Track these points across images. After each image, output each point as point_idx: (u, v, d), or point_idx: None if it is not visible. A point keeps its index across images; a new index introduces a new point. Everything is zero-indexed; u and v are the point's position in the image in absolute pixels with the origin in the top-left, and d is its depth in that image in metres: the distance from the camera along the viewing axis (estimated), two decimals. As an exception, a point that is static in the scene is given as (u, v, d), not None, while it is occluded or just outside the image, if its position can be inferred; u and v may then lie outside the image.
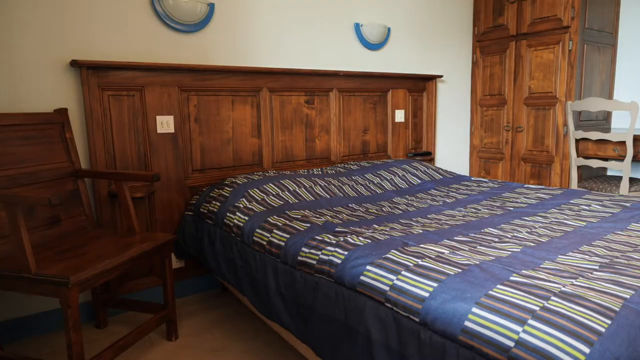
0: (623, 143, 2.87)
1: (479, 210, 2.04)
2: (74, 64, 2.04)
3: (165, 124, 2.34)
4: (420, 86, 3.39)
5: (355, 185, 2.45)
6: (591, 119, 3.35)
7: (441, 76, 3.44)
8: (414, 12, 3.38)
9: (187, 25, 2.40)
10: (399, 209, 2.11)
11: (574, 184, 3.06)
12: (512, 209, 2.03)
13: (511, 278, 1.12)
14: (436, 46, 3.55)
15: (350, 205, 2.16)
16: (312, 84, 2.84)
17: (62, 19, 2.07)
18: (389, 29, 3.21)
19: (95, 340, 2.04)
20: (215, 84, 2.47)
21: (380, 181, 2.57)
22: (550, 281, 1.11)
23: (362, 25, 3.04)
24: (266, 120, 2.69)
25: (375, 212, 2.04)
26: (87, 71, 2.08)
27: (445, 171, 2.92)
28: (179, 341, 2.02)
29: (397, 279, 1.20)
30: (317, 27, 2.90)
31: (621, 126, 3.43)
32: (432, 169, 2.86)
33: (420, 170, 2.78)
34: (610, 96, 3.48)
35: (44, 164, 1.94)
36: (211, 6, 2.45)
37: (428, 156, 3.45)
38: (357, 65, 3.11)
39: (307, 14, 2.85)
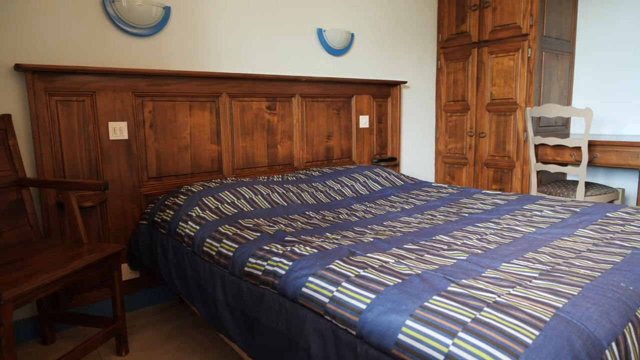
0: (579, 148, 2.94)
1: (435, 216, 2.04)
2: (18, 68, 1.95)
3: (118, 130, 2.27)
4: (384, 92, 3.40)
5: (314, 192, 2.43)
6: (550, 125, 3.42)
7: (405, 82, 3.46)
8: (378, 19, 3.39)
9: (142, 28, 2.34)
10: (356, 216, 2.10)
11: (533, 189, 3.11)
12: (467, 215, 2.04)
13: (449, 288, 1.11)
14: (401, 52, 3.57)
15: (307, 212, 2.13)
16: (274, 89, 2.81)
17: (5, 21, 1.99)
18: (352, 35, 3.21)
19: (40, 357, 1.95)
20: (171, 89, 2.42)
21: (340, 188, 2.55)
22: (487, 291, 1.10)
23: (325, 31, 3.03)
24: (226, 126, 2.64)
25: (332, 219, 2.02)
26: (33, 76, 2.00)
27: (407, 177, 2.93)
28: (129, 356, 1.95)
29: (337, 291, 1.17)
30: (280, 32, 2.88)
31: (580, 131, 3.52)
32: (393, 174, 2.87)
33: (382, 177, 2.77)
34: (568, 102, 3.56)
35: (-18, 173, 1.85)
36: (167, 9, 2.40)
37: (393, 162, 3.46)
38: (321, 71, 3.10)
39: (269, 18, 2.82)
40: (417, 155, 3.81)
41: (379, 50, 3.43)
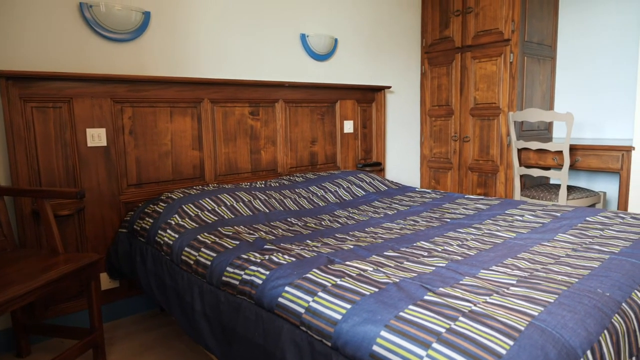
0: (561, 152, 2.96)
1: (417, 222, 2.03)
2: (-9, 74, 1.91)
3: (97, 136, 2.23)
4: (369, 97, 3.40)
5: (297, 198, 2.41)
6: (533, 129, 3.44)
7: (390, 87, 3.46)
8: (362, 24, 3.39)
9: (121, 33, 2.30)
10: (338, 222, 2.08)
11: (517, 193, 3.12)
12: (449, 220, 2.04)
13: (425, 297, 1.10)
14: (385, 57, 3.58)
15: (289, 219, 2.11)
16: (257, 94, 2.79)
17: (-22, 26, 1.94)
18: (336, 40, 3.21)
19: (14, 370, 1.90)
20: (151, 95, 2.38)
21: (324, 193, 2.54)
22: (463, 299, 1.09)
23: (308, 36, 3.02)
24: (208, 132, 2.61)
25: (314, 226, 2.00)
26: (7, 82, 1.96)
27: (391, 182, 2.92)
28: (107, 367, 1.91)
29: (313, 301, 1.15)
30: (263, 38, 2.86)
31: (563, 135, 3.55)
32: (377, 180, 2.86)
33: (366, 182, 2.76)
34: (551, 107, 3.59)
35: (-47, 182, 1.80)
36: (147, 14, 2.37)
37: (378, 167, 3.45)
38: (304, 76, 3.09)
39: (252, 24, 2.80)
40: (403, 160, 3.82)
41: (363, 55, 3.43)
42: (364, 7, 3.39)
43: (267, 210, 2.19)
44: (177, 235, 1.84)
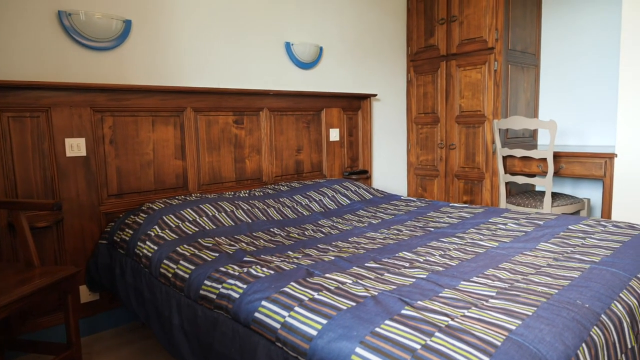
0: (545, 160, 2.98)
1: (401, 231, 2.02)
2: (-35, 83, 1.87)
3: (76, 146, 2.19)
4: (354, 105, 3.40)
5: (281, 208, 2.38)
6: (518, 136, 3.46)
7: (375, 95, 3.46)
8: (348, 32, 3.40)
9: (102, 42, 2.27)
10: (322, 232, 2.06)
11: (502, 200, 3.13)
12: (432, 229, 2.03)
13: (402, 311, 1.08)
14: (371, 65, 3.58)
15: (272, 229, 2.09)
16: (242, 103, 2.77)
17: (-48, 35, 1.90)
18: (321, 48, 3.20)
19: (-12, 388, 1.84)
20: (133, 103, 2.35)
21: (308, 202, 2.52)
22: (441, 313, 1.07)
23: (292, 45, 3.02)
24: (191, 141, 2.58)
25: (297, 236, 1.98)
26: (-18, 91, 1.92)
27: (377, 190, 2.91)
28: (84, 384, 1.86)
29: (289, 316, 1.13)
30: (247, 46, 2.85)
31: (548, 142, 3.57)
32: (363, 188, 2.85)
33: (351, 190, 2.75)
34: (535, 114, 3.62)
35: None
36: (128, 22, 2.35)
37: (364, 175, 3.44)
38: (289, 85, 3.08)
39: (235, 32, 2.79)
40: (390, 168, 3.81)
41: (349, 63, 3.43)
42: (349, 16, 3.40)
43: (250, 221, 2.16)
44: (156, 247, 1.80)
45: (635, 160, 2.58)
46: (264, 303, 1.21)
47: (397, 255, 1.64)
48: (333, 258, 1.59)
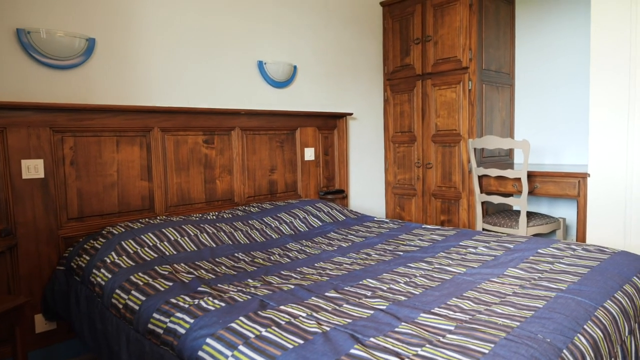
0: (520, 179, 2.96)
1: (370, 255, 1.96)
2: None
3: (33, 168, 2.10)
4: (330, 124, 3.36)
5: (249, 231, 2.31)
6: (494, 155, 3.45)
7: (351, 113, 3.44)
8: (323, 51, 3.38)
9: (63, 60, 2.21)
10: (288, 256, 1.99)
11: (479, 220, 3.10)
12: (402, 253, 1.97)
13: (351, 351, 1.01)
14: (347, 84, 3.56)
15: (236, 254, 2.01)
16: (212, 122, 2.72)
17: None
18: (295, 67, 3.18)
19: None
20: (96, 123, 2.28)
21: (278, 225, 2.45)
22: (392, 352, 1.01)
23: (265, 64, 2.98)
24: (158, 161, 2.51)
25: (261, 262, 1.91)
26: None
27: (351, 211, 2.86)
28: (31, 422, 1.74)
29: (232, 356, 1.05)
30: (218, 65, 2.81)
31: (523, 161, 3.56)
32: (336, 209, 2.79)
33: (324, 212, 2.69)
34: (511, 133, 3.62)
35: None
36: (91, 41, 2.29)
37: (341, 194, 3.39)
38: (262, 104, 3.03)
39: (206, 51, 2.75)
40: (367, 187, 3.77)
41: (324, 82, 3.41)
42: (325, 35, 3.39)
43: (214, 245, 2.08)
44: (110, 275, 1.71)
45: (607, 179, 2.57)
46: (208, 340, 1.13)
47: (360, 282, 1.58)
48: (293, 287, 1.52)
